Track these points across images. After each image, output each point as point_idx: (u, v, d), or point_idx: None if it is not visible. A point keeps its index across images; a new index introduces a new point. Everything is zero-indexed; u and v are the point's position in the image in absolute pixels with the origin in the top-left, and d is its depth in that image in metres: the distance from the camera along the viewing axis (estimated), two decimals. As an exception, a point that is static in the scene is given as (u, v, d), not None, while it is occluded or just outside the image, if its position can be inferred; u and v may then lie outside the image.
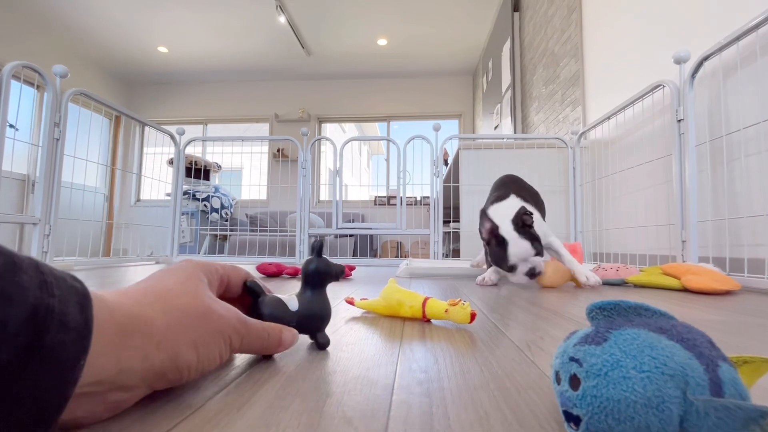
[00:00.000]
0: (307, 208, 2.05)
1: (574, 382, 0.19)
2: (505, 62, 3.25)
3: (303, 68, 4.77)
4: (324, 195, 4.93)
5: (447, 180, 2.54)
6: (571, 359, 0.20)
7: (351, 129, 7.05)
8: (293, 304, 0.34)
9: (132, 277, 1.14)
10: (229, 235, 3.59)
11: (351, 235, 3.57)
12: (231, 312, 0.27)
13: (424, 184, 2.17)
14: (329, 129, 5.42)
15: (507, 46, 3.20)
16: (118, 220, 4.80)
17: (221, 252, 3.61)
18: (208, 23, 3.88)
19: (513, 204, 1.00)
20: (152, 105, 5.20)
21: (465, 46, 4.23)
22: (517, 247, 0.88)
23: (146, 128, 5.20)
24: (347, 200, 4.94)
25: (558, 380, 0.20)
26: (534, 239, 0.90)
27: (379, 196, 4.68)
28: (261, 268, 1.14)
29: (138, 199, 5.02)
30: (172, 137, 2.06)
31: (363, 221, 4.37)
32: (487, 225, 0.92)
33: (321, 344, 0.36)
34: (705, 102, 1.18)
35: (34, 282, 0.16)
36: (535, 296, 0.77)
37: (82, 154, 1.63)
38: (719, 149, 1.10)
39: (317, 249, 0.36)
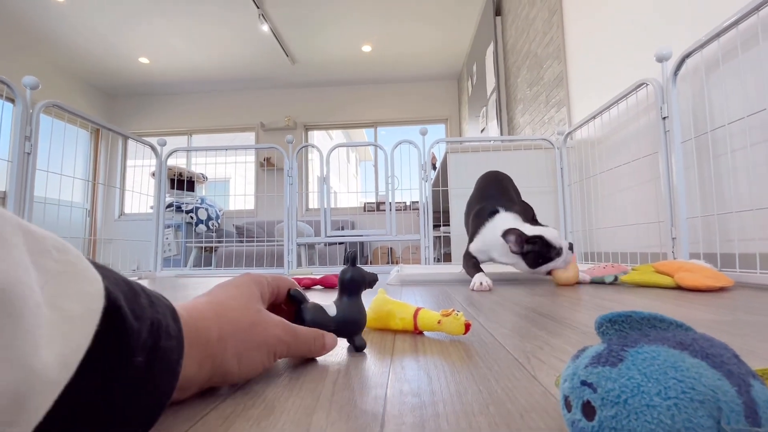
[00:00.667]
0: (295, 216, 2.01)
1: (588, 410, 0.16)
2: (489, 66, 3.27)
3: (288, 76, 4.74)
4: (313, 203, 4.88)
5: (436, 184, 2.53)
6: (583, 383, 0.17)
7: (338, 136, 7.03)
8: (332, 310, 0.37)
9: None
10: (216, 247, 3.52)
11: (341, 243, 3.53)
12: (278, 325, 0.30)
13: (413, 189, 2.15)
14: (316, 136, 5.39)
15: (490, 49, 3.23)
16: (101, 235, 4.68)
17: (208, 264, 3.53)
18: (190, 33, 3.83)
19: (515, 209, 1.05)
20: (135, 117, 5.10)
21: (449, 50, 4.26)
22: (550, 233, 0.94)
23: (129, 140, 5.11)
24: (337, 207, 4.90)
25: (568, 406, 0.18)
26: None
27: (368, 203, 4.65)
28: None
29: (122, 213, 4.90)
30: (153, 149, 2.01)
31: (353, 228, 4.33)
32: (513, 237, 0.94)
33: (358, 347, 0.38)
34: (689, 99, 1.18)
35: (147, 302, 0.20)
36: (529, 300, 0.75)
37: (61, 168, 1.57)
38: (705, 145, 1.11)
39: (352, 259, 0.39)
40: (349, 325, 0.38)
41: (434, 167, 3.26)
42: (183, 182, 3.82)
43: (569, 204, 1.87)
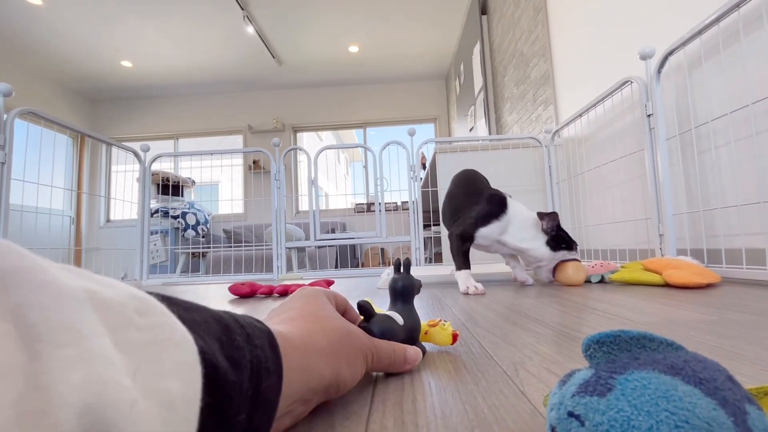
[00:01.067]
0: (283, 220, 1.99)
1: (576, 444, 0.15)
2: (476, 65, 3.28)
3: (275, 78, 4.70)
4: (303, 205, 4.85)
5: (426, 184, 2.52)
6: (570, 414, 0.16)
7: (328, 137, 7.00)
8: (399, 319, 0.36)
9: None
10: (203, 252, 3.46)
11: (332, 246, 3.51)
12: (362, 332, 0.29)
13: (402, 189, 2.14)
14: (305, 138, 5.35)
15: (477, 48, 3.23)
16: (87, 243, 4.58)
17: (197, 270, 3.48)
18: (173, 36, 3.77)
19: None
20: (120, 121, 5.01)
21: (436, 50, 4.26)
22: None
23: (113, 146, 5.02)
24: (328, 209, 4.87)
25: (555, 438, 0.17)
26: None
27: (359, 204, 4.63)
28: (234, 289, 1.07)
29: (108, 220, 4.81)
30: (135, 155, 1.96)
31: (344, 230, 4.31)
32: (552, 217, 0.98)
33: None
34: (672, 96, 1.19)
35: (243, 338, 0.19)
36: (519, 303, 0.74)
37: (45, 176, 1.52)
38: (689, 142, 1.11)
39: (406, 266, 0.40)
40: (413, 333, 0.37)
41: (424, 167, 3.26)
42: (171, 187, 3.75)
43: (558, 202, 1.87)
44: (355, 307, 0.34)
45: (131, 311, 0.14)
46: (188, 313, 0.17)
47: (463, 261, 1.01)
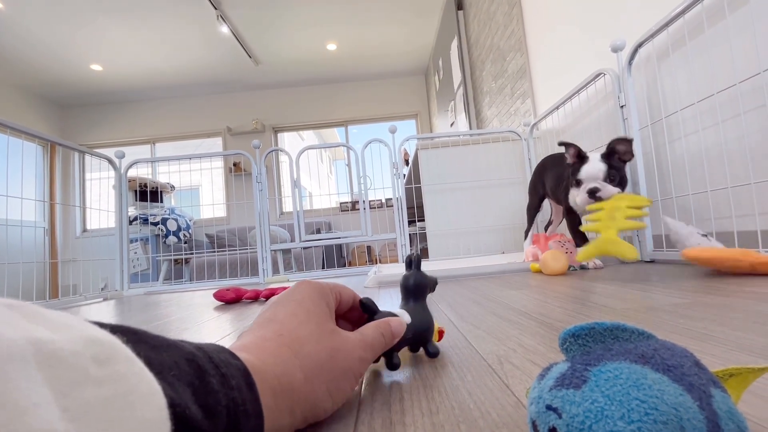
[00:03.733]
0: (267, 222, 1.97)
1: (554, 436, 0.16)
2: (455, 60, 3.30)
3: (253, 78, 4.62)
4: (287, 206, 4.80)
5: (409, 180, 2.53)
6: (548, 408, 0.16)
7: (310, 136, 6.93)
8: (407, 318, 0.34)
9: (84, 317, 1.02)
10: (186, 258, 3.40)
11: (317, 246, 3.49)
12: (357, 344, 0.27)
13: (386, 187, 2.15)
14: (287, 138, 5.29)
15: (455, 44, 3.25)
16: (63, 255, 4.43)
17: (180, 277, 3.41)
18: (144, 37, 3.66)
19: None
20: (93, 127, 4.85)
21: (415, 46, 4.26)
22: (591, 166, 1.01)
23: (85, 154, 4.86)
24: (313, 209, 4.84)
25: (536, 431, 0.17)
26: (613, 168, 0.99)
27: (343, 202, 4.62)
28: (219, 296, 1.06)
29: (84, 230, 4.66)
30: (110, 162, 1.90)
31: (330, 229, 4.29)
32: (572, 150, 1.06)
33: (433, 354, 0.37)
34: (644, 87, 1.23)
35: (218, 380, 0.18)
36: (503, 295, 0.76)
37: (14, 187, 1.46)
38: (660, 131, 1.15)
39: (416, 262, 0.38)
40: (424, 332, 0.36)
41: (407, 163, 3.27)
42: (150, 193, 3.66)
43: (539, 193, 1.91)
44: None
45: (88, 361, 0.12)
46: (157, 353, 0.16)
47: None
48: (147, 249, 3.44)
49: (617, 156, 1.01)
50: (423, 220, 1.99)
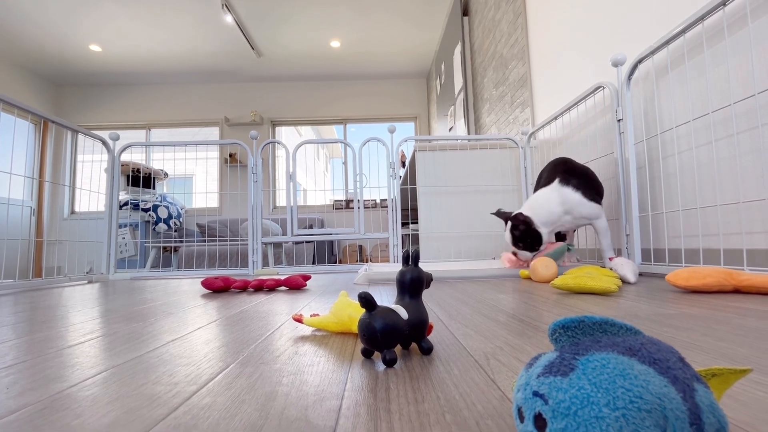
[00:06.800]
0: (259, 215, 1.95)
1: (540, 422, 0.16)
2: (457, 65, 3.32)
3: (254, 70, 4.60)
4: (281, 200, 4.78)
5: (405, 182, 2.53)
6: (535, 394, 0.17)
7: (307, 132, 6.91)
8: (404, 313, 0.35)
9: (66, 300, 1.00)
10: (175, 246, 3.36)
11: (309, 242, 3.48)
12: None
13: (381, 186, 2.14)
14: (284, 132, 5.27)
15: (458, 49, 3.27)
16: (49, 236, 4.36)
17: (168, 265, 3.37)
18: (145, 20, 3.62)
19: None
20: (87, 108, 4.77)
21: (418, 49, 4.28)
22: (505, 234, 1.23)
23: (79, 134, 4.80)
24: (306, 205, 4.82)
25: (521, 417, 0.17)
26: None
27: (337, 200, 4.61)
28: (207, 284, 1.05)
29: (72, 212, 4.58)
30: (104, 143, 1.88)
31: (322, 226, 4.28)
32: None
33: (427, 349, 0.37)
34: (641, 102, 1.25)
35: None
36: (492, 298, 0.76)
37: (3, 163, 1.43)
38: (655, 147, 1.17)
39: (415, 258, 0.38)
40: (420, 328, 0.36)
41: (403, 165, 3.27)
42: (140, 179, 3.61)
43: (532, 202, 1.92)
44: (356, 299, 0.33)
45: None
46: None
47: None
48: (135, 235, 3.40)
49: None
50: (416, 223, 1.99)
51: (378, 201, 4.40)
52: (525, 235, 1.18)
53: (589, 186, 1.19)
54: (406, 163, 2.56)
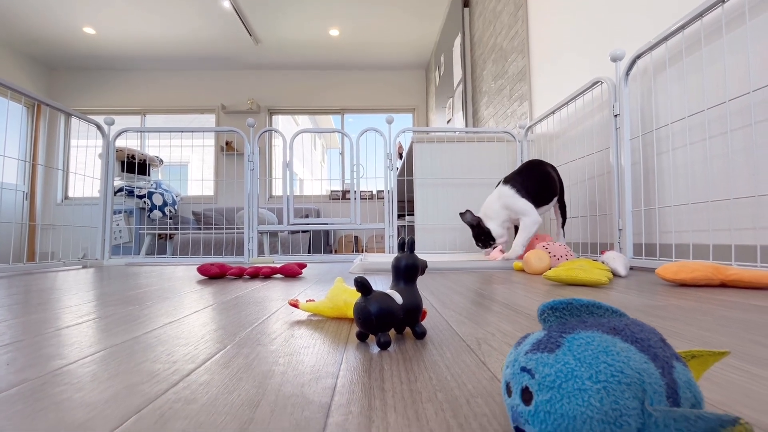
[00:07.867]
0: (255, 203, 1.95)
1: (526, 395, 0.17)
2: (457, 57, 3.30)
3: (251, 57, 4.54)
4: (277, 190, 4.76)
5: (401, 173, 2.53)
6: (523, 369, 0.17)
7: (305, 121, 6.86)
8: (398, 298, 0.36)
9: (61, 283, 1.00)
10: (170, 234, 3.35)
11: (305, 231, 3.48)
12: None
13: (378, 177, 2.15)
14: (281, 121, 5.23)
15: (458, 41, 3.25)
16: (42, 221, 4.32)
17: (163, 252, 3.36)
18: (141, 4, 3.55)
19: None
20: (80, 92, 4.70)
21: (417, 40, 4.24)
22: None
23: (72, 118, 4.73)
24: (302, 195, 4.81)
25: (509, 392, 0.18)
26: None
27: (334, 191, 4.60)
28: (202, 270, 1.05)
29: (66, 197, 4.54)
30: (99, 128, 1.86)
31: (319, 216, 4.28)
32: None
33: (420, 334, 0.38)
34: (638, 98, 1.25)
35: None
36: (485, 288, 0.78)
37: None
38: (650, 143, 1.18)
39: (409, 245, 0.39)
40: (414, 313, 0.37)
41: (400, 156, 3.27)
42: (135, 165, 3.58)
43: (528, 196, 1.93)
44: (352, 286, 0.34)
45: None
46: None
47: None
48: (130, 221, 3.38)
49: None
50: (412, 215, 2.00)
51: (374, 192, 4.40)
52: (479, 232, 1.34)
53: (530, 185, 1.31)
54: (404, 155, 2.56)
